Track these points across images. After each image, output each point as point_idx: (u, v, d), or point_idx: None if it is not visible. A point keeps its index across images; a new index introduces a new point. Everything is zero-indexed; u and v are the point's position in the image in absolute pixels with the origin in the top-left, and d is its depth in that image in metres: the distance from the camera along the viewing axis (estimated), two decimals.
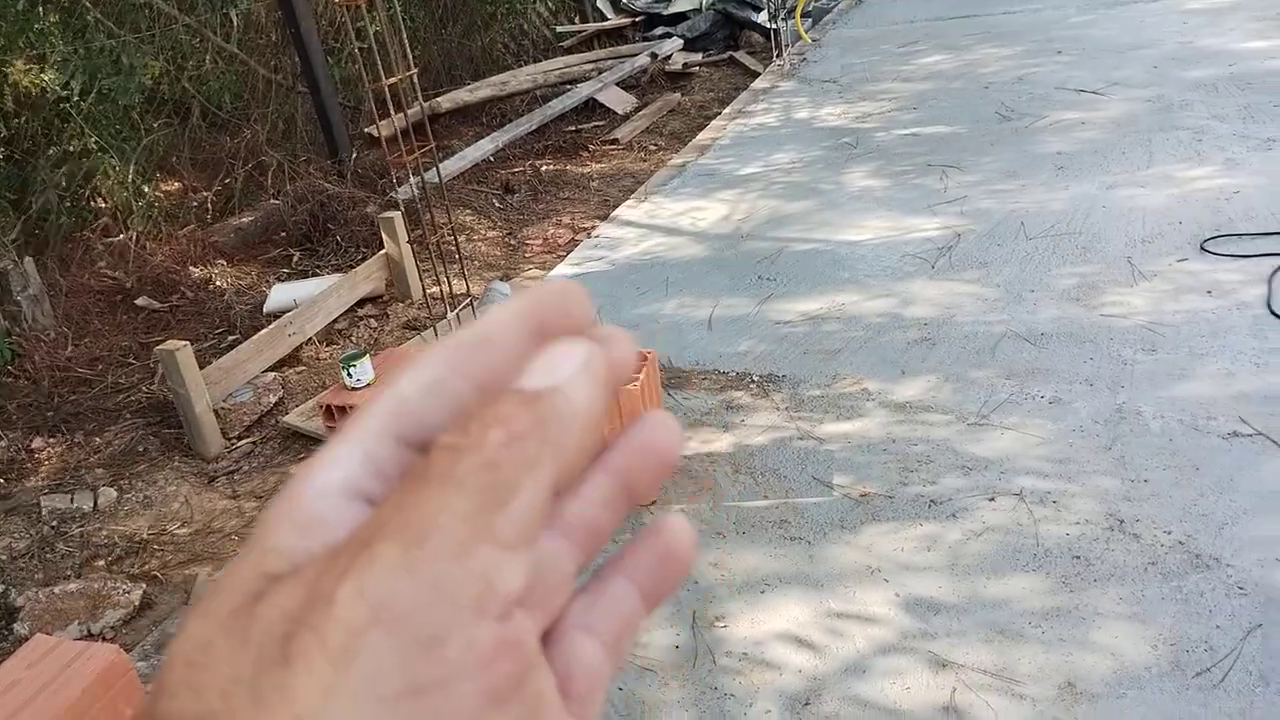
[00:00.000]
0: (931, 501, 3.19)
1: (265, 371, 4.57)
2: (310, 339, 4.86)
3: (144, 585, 3.40)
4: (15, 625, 3.21)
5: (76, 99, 5.78)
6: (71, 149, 5.89)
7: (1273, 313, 3.88)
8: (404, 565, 0.21)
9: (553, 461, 0.23)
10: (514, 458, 0.23)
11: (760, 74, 9.11)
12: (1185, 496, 3.01)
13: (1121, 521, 2.96)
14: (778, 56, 9.14)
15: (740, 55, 9.69)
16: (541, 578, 0.25)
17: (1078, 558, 2.86)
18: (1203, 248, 4.47)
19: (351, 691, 0.20)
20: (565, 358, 0.25)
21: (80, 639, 2.98)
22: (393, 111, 4.38)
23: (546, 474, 0.23)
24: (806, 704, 2.56)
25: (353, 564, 0.21)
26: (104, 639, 3.07)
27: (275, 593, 0.22)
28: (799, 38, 9.92)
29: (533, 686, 0.23)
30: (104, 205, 6.00)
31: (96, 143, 5.88)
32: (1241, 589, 2.64)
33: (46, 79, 5.87)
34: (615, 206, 6.38)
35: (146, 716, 0.23)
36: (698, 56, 9.70)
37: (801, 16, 10.00)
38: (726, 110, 8.15)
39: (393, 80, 4.22)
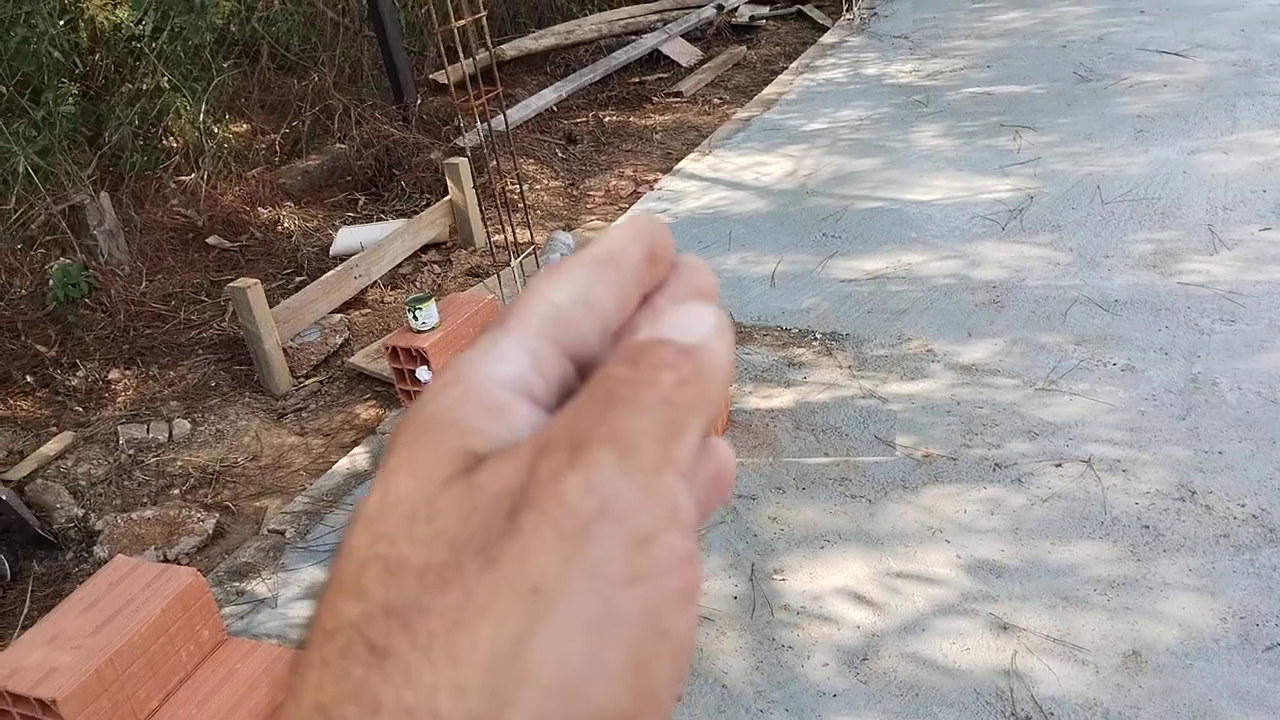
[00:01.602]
0: (996, 465, 3.16)
1: (332, 313, 4.64)
2: (375, 282, 4.91)
3: (217, 515, 3.50)
4: (95, 548, 3.33)
5: (149, 37, 5.85)
6: (144, 87, 5.96)
7: None
8: (622, 471, 0.24)
9: (708, 409, 0.26)
10: (684, 399, 0.25)
11: (829, 28, 8.92)
12: (1261, 469, 2.95)
13: (1194, 492, 2.91)
14: (847, 10, 8.95)
15: (808, 9, 9.50)
16: None
17: (1147, 527, 2.82)
18: None
19: (586, 569, 0.23)
20: (699, 319, 0.27)
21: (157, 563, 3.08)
22: (462, 56, 4.37)
23: (704, 418, 0.26)
24: (864, 659, 2.58)
25: (575, 460, 0.24)
26: (179, 564, 3.18)
27: (491, 468, 0.25)
28: None
29: (698, 599, 0.26)
30: (175, 144, 6.09)
31: (169, 81, 5.95)
32: None
33: (120, 16, 5.95)
34: (678, 159, 6.33)
35: (360, 552, 0.24)
36: (764, 9, 9.52)
37: None
38: (793, 65, 8.01)
39: (461, 22, 4.21)
